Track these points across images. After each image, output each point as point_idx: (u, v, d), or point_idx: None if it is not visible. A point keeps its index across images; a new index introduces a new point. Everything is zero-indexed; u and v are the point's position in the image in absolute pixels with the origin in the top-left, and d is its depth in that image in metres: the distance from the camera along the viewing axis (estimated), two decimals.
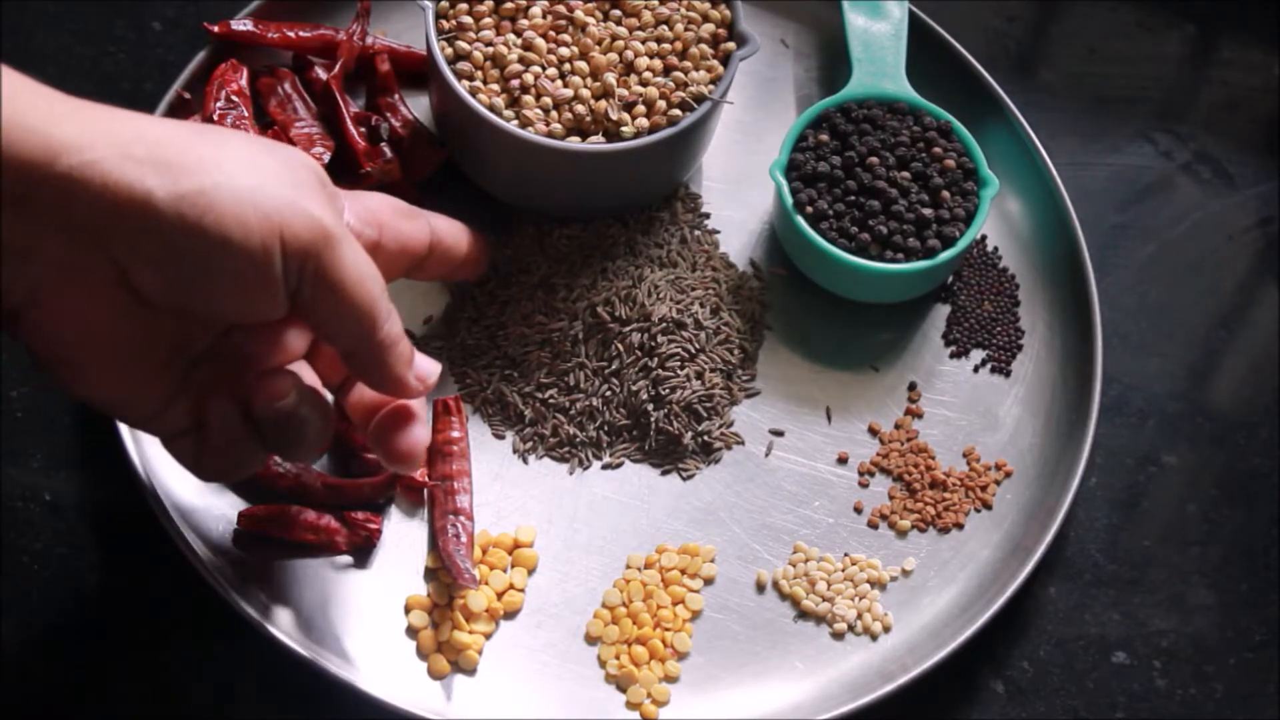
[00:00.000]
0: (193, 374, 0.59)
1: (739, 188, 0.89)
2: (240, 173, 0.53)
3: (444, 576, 0.76)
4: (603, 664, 0.75)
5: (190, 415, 0.59)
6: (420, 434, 0.64)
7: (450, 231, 0.67)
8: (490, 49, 0.81)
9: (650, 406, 0.80)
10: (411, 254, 0.64)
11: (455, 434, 0.79)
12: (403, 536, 0.77)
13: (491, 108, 0.79)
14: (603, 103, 0.80)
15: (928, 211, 0.83)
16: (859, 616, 0.78)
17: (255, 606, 0.72)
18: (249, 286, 0.54)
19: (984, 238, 0.89)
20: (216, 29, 0.85)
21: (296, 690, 0.72)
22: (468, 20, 0.81)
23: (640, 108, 0.80)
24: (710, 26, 0.83)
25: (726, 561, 0.79)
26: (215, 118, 0.81)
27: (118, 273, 0.53)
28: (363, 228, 0.61)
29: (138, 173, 0.51)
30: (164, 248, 0.52)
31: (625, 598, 0.77)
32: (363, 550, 0.76)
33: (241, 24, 0.86)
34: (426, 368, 0.62)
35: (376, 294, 0.57)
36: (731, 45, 0.83)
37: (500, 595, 0.76)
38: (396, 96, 0.87)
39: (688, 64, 0.82)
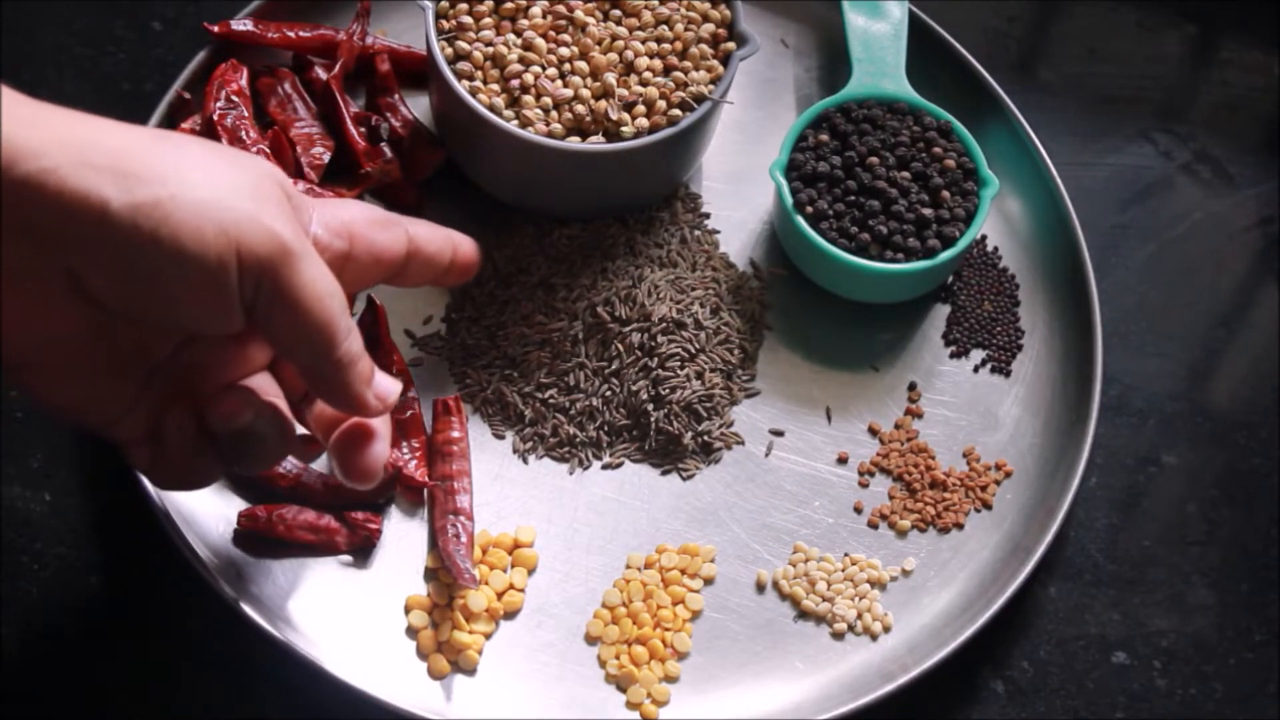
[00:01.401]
0: (153, 382, 0.58)
1: (739, 188, 0.89)
2: (200, 184, 0.53)
3: (444, 576, 0.76)
4: (603, 664, 0.75)
5: (149, 423, 0.59)
6: (379, 451, 0.63)
7: (431, 239, 0.65)
8: (490, 49, 0.81)
9: (650, 406, 0.80)
10: (386, 264, 0.63)
11: (455, 434, 0.79)
12: (403, 536, 0.77)
13: (491, 108, 0.79)
14: (603, 103, 0.80)
15: (928, 211, 0.83)
16: (859, 616, 0.78)
17: (255, 606, 0.72)
18: (203, 299, 0.53)
19: (984, 238, 0.89)
20: (216, 29, 0.85)
21: (297, 690, 0.72)
22: (468, 20, 0.81)
23: (640, 108, 0.80)
24: (710, 26, 0.83)
25: (726, 561, 0.79)
26: (215, 118, 0.81)
27: (72, 279, 0.52)
28: (331, 239, 0.60)
29: (95, 181, 0.51)
30: (118, 257, 0.51)
31: (625, 598, 0.77)
32: (363, 550, 0.76)
33: (241, 24, 0.86)
34: (386, 386, 0.60)
35: (335, 311, 0.56)
36: (731, 45, 0.83)
37: (500, 595, 0.76)
38: (396, 96, 0.87)
39: (688, 64, 0.82)
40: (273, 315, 0.55)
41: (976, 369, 0.86)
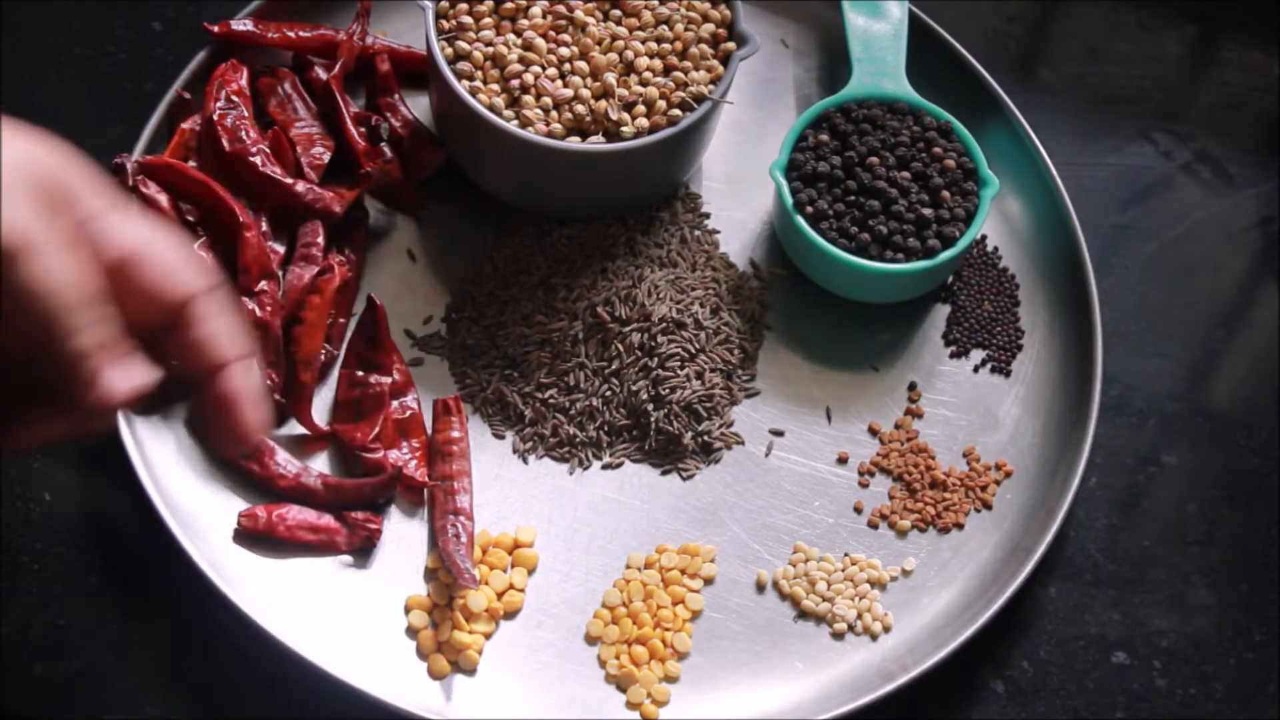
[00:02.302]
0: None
1: (739, 188, 0.89)
2: None
3: (444, 576, 0.76)
4: (603, 664, 0.75)
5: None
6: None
7: (217, 329, 0.61)
8: (490, 49, 0.81)
9: (650, 406, 0.80)
10: (157, 305, 0.60)
11: (455, 434, 0.79)
12: (403, 536, 0.77)
13: (491, 108, 0.79)
14: (603, 103, 0.80)
15: (928, 211, 0.83)
16: (859, 616, 0.78)
17: (255, 606, 0.72)
18: None
19: (984, 238, 0.89)
20: (216, 29, 0.85)
21: (297, 690, 0.72)
22: (468, 20, 0.81)
23: (640, 108, 0.80)
24: (710, 26, 0.83)
25: (726, 561, 0.79)
26: (215, 118, 0.81)
27: None
28: (101, 248, 0.58)
29: None
30: None
31: (625, 598, 0.77)
32: (363, 550, 0.76)
33: (241, 24, 0.86)
34: (110, 389, 0.57)
35: (63, 308, 0.55)
36: (731, 45, 0.83)
37: (500, 595, 0.76)
38: (396, 96, 0.87)
39: (688, 64, 0.82)
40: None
41: (976, 369, 0.86)
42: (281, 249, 0.80)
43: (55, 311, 0.55)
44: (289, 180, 0.81)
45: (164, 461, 0.75)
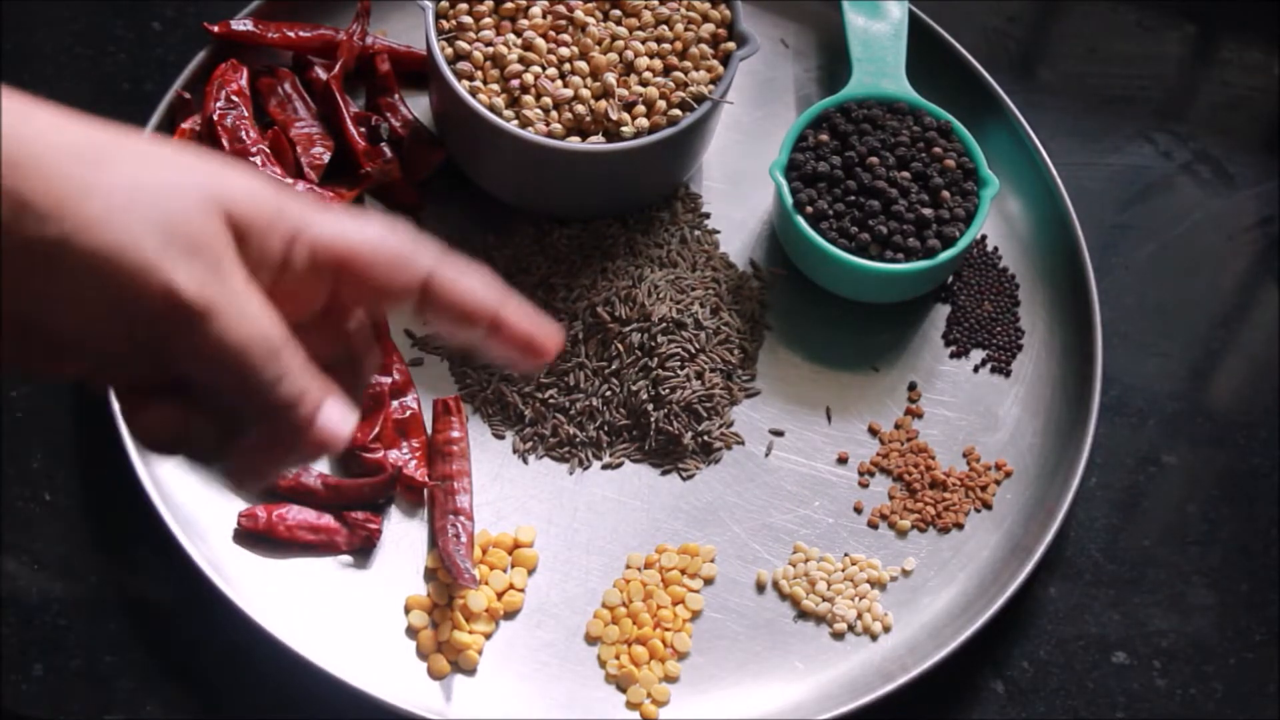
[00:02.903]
0: None
1: (739, 188, 0.89)
2: (100, 222, 0.47)
3: (444, 576, 0.76)
4: (603, 664, 0.75)
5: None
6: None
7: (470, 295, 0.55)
8: (490, 49, 0.81)
9: (650, 406, 0.80)
10: (389, 300, 0.57)
11: (455, 434, 0.79)
12: (403, 536, 0.77)
13: (491, 108, 0.79)
14: (603, 103, 0.80)
15: (928, 211, 0.83)
16: (859, 616, 0.78)
17: (255, 606, 0.72)
18: (95, 346, 0.49)
19: (984, 238, 0.89)
20: (216, 29, 0.85)
21: (297, 690, 0.72)
22: (468, 20, 0.81)
23: (640, 108, 0.80)
24: (710, 26, 0.83)
25: (726, 561, 0.79)
26: (215, 118, 0.81)
27: None
28: (307, 276, 0.52)
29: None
30: (12, 283, 0.47)
31: (625, 598, 0.77)
32: (363, 550, 0.76)
33: (241, 24, 0.86)
34: (333, 426, 0.52)
35: (254, 364, 0.50)
36: (731, 45, 0.83)
37: (500, 595, 0.76)
38: (396, 96, 0.87)
39: (688, 64, 0.82)
40: (179, 365, 0.50)
41: (976, 369, 0.86)
42: None
43: (247, 368, 0.50)
44: (289, 180, 0.81)
45: (164, 462, 0.75)
